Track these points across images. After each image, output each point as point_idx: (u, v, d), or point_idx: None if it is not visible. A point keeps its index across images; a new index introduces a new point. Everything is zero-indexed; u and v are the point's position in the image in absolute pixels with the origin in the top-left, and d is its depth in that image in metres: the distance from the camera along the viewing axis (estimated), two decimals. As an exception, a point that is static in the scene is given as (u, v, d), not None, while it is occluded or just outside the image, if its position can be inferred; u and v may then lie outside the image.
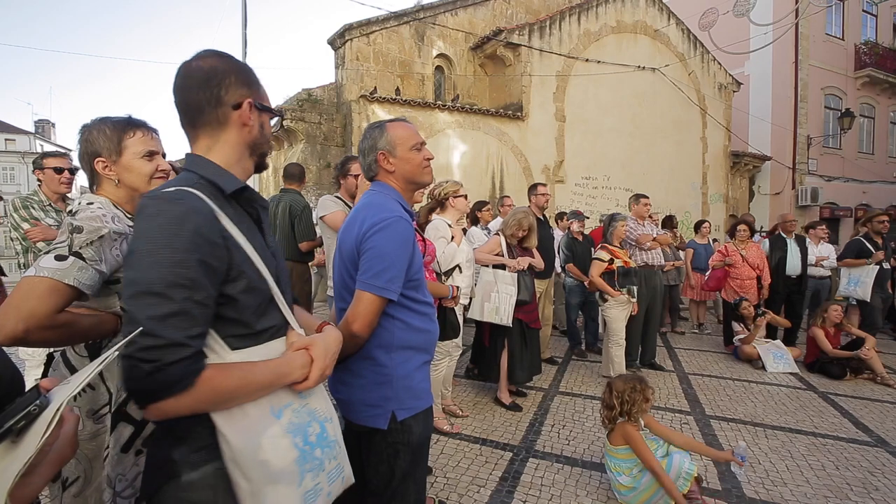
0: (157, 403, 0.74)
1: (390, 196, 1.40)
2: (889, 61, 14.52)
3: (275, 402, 0.88)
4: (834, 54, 13.90)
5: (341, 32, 8.72)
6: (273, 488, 0.83)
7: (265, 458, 0.82)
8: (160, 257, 0.75)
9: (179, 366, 0.73)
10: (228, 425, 0.81)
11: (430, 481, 2.54)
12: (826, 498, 2.45)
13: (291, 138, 8.73)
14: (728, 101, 12.74)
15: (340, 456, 0.99)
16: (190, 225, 0.77)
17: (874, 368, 4.45)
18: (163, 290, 0.74)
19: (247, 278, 0.85)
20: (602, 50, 10.46)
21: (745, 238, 5.50)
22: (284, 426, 0.87)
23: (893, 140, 15.64)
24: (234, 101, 0.91)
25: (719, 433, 3.24)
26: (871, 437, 3.23)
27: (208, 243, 0.79)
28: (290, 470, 0.84)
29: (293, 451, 0.86)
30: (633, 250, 4.59)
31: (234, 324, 0.86)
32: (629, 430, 2.33)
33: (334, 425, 0.99)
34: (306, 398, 0.94)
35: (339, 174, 3.29)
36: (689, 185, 12.13)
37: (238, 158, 0.96)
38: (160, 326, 0.73)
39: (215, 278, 0.80)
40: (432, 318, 1.44)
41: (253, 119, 0.95)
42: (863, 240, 5.41)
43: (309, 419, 0.92)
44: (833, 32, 13.98)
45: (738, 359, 5.10)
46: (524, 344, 3.62)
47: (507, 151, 9.36)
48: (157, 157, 1.39)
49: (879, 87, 14.74)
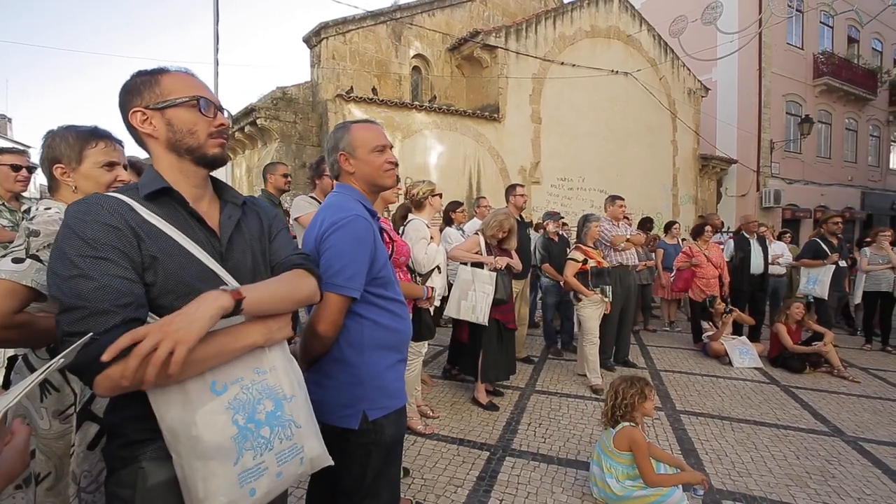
0: (100, 376, 0.77)
1: (352, 197, 1.40)
2: (844, 71, 15.31)
3: (221, 377, 0.88)
4: (794, 63, 14.56)
5: (317, 30, 8.61)
6: (203, 464, 0.82)
7: (197, 434, 0.82)
8: (73, 244, 0.82)
9: (113, 334, 0.76)
10: (164, 402, 0.83)
11: (407, 482, 2.54)
12: (787, 486, 2.56)
13: (266, 137, 8.56)
14: (697, 106, 13.18)
15: (300, 437, 0.96)
16: (91, 217, 0.85)
17: (832, 362, 4.68)
18: (81, 272, 0.80)
19: (162, 265, 0.88)
20: (577, 53, 10.66)
21: (709, 239, 5.71)
22: (225, 402, 0.87)
23: (848, 145, 16.50)
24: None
25: (689, 427, 3.35)
26: (829, 427, 3.39)
27: (112, 229, 0.85)
28: (226, 447, 0.84)
29: (230, 428, 0.85)
30: (608, 251, 4.69)
31: (164, 301, 0.89)
32: (637, 438, 2.29)
33: (296, 405, 0.97)
34: (264, 374, 0.94)
35: (315, 174, 3.26)
36: (661, 186, 12.49)
37: (170, 164, 0.99)
38: (83, 300, 0.79)
39: (129, 260, 0.85)
40: (403, 316, 1.44)
41: (155, 123, 0.96)
42: (819, 241, 5.68)
43: (260, 396, 0.91)
44: (793, 42, 14.65)
45: (706, 355, 5.28)
46: (500, 344, 3.65)
47: (484, 152, 9.43)
48: (118, 168, 1.45)
49: (836, 94, 15.53)
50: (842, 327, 6.91)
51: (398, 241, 2.53)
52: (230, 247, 1.02)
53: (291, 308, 1.02)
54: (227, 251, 1.01)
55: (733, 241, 6.04)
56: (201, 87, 1.01)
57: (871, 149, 17.40)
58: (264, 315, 0.95)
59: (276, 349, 0.99)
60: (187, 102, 0.97)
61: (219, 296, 0.85)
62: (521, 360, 4.78)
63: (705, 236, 5.70)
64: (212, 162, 1.02)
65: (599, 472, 2.36)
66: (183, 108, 0.97)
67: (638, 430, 2.34)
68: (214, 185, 1.10)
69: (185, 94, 0.97)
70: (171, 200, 0.97)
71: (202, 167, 1.02)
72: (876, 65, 16.66)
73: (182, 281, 0.90)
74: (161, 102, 0.96)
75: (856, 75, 15.67)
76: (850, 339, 6.36)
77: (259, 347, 0.95)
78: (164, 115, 0.96)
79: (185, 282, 0.90)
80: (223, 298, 0.85)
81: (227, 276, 0.96)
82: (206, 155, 1.00)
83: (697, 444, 3.08)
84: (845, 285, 6.07)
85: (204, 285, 0.90)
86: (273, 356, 0.97)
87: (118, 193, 0.92)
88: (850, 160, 16.48)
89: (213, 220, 1.03)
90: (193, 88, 0.99)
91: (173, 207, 0.96)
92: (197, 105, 0.98)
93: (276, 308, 0.97)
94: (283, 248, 1.13)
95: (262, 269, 1.08)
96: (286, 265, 1.09)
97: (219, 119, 1.02)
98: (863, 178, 16.85)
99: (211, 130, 1.00)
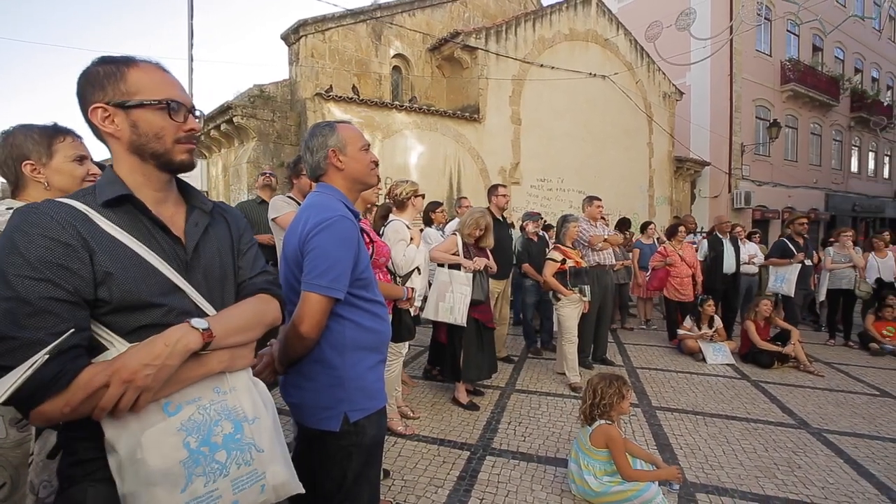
0: (37, 408, 0.73)
1: (334, 196, 1.39)
2: (809, 77, 15.95)
3: (176, 397, 0.83)
4: (763, 69, 15.09)
5: (296, 28, 8.48)
6: (147, 490, 0.77)
7: (142, 458, 0.77)
8: (12, 261, 0.75)
9: (49, 366, 0.71)
10: (110, 422, 0.78)
11: (387, 484, 2.52)
12: (756, 478, 2.65)
13: (242, 136, 8.39)
14: (671, 110, 13.51)
15: (262, 462, 0.89)
16: (38, 230, 0.78)
17: (798, 358, 4.88)
18: (17, 294, 0.74)
19: (117, 281, 0.83)
20: (556, 56, 10.80)
21: (683, 239, 5.87)
22: (177, 424, 0.81)
23: (813, 149, 17.19)
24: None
25: (664, 423, 3.43)
26: (795, 420, 3.53)
27: (59, 244, 0.78)
28: (173, 472, 0.78)
29: (180, 452, 0.79)
30: (586, 251, 4.76)
31: (119, 318, 0.84)
32: (614, 435, 2.34)
33: (259, 428, 0.90)
34: (224, 394, 0.89)
35: (292, 174, 3.21)
36: (637, 187, 12.75)
37: (132, 167, 0.93)
38: (15, 329, 0.73)
39: (77, 279, 0.79)
40: (383, 317, 1.43)
41: (118, 122, 0.88)
42: (786, 241, 5.91)
43: (218, 418, 0.85)
44: (762, 49, 15.18)
45: (681, 352, 5.42)
46: (480, 343, 3.67)
47: (465, 153, 9.46)
48: (87, 161, 1.43)
49: (801, 100, 16.16)
50: (807, 323, 7.20)
51: (378, 242, 2.52)
52: (196, 255, 0.97)
53: (256, 337, 0.98)
54: (193, 260, 0.96)
55: (707, 241, 6.22)
56: (172, 85, 0.93)
57: (835, 153, 18.17)
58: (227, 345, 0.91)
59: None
60: (156, 106, 0.89)
61: (187, 337, 0.81)
62: (501, 359, 4.81)
63: (679, 236, 5.86)
64: (178, 168, 0.96)
65: (577, 469, 2.40)
66: (151, 111, 0.89)
67: (614, 427, 2.39)
68: (180, 188, 1.03)
69: (155, 95, 0.89)
70: (131, 207, 0.90)
71: (166, 172, 0.96)
72: (838, 72, 17.40)
73: (138, 297, 0.85)
74: (126, 102, 0.87)
75: (820, 82, 16.34)
76: (815, 335, 6.63)
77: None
78: (129, 116, 0.88)
79: (142, 298, 0.85)
80: (192, 340, 0.82)
81: (191, 290, 0.92)
82: (173, 161, 0.94)
83: (672, 439, 3.16)
84: (811, 283, 6.33)
85: (164, 299, 0.87)
86: (235, 376, 0.92)
87: (73, 200, 0.85)
88: (814, 163, 17.17)
89: (177, 226, 0.97)
90: (164, 87, 0.91)
91: (134, 215, 0.90)
92: (167, 109, 0.90)
93: (241, 339, 0.94)
94: (248, 268, 1.08)
95: (231, 280, 1.04)
96: (250, 290, 1.05)
97: (189, 123, 0.94)
98: (826, 181, 17.57)
99: (179, 136, 0.93)
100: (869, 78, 19.27)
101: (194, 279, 0.95)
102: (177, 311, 0.88)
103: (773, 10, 14.73)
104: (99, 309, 0.82)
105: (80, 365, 0.76)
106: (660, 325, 6.94)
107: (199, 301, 0.93)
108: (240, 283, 1.06)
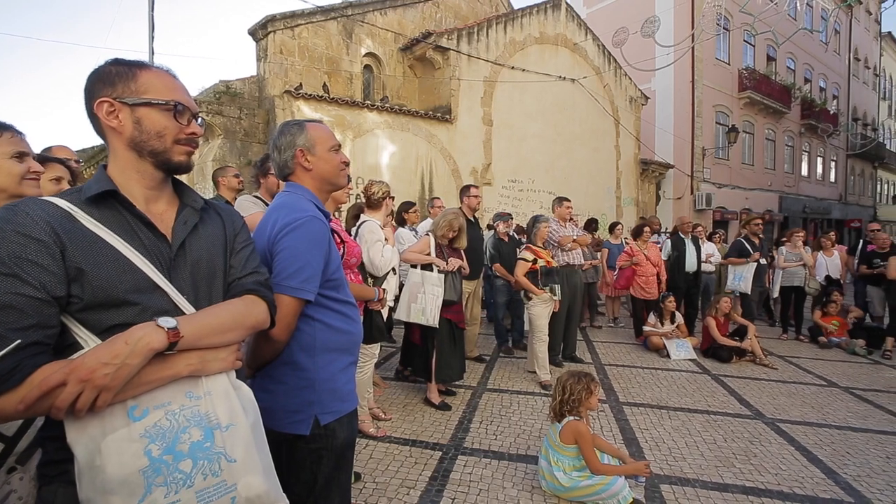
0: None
1: (304, 196, 1.37)
2: (764, 85, 16.82)
3: (143, 401, 0.80)
4: (722, 77, 15.81)
5: (264, 23, 8.28)
6: (103, 498, 0.74)
7: (101, 464, 0.74)
8: None
9: (4, 362, 0.71)
10: (72, 425, 0.76)
11: (358, 487, 2.50)
12: (716, 468, 2.77)
13: (208, 133, 8.12)
14: (637, 114, 13.96)
15: (233, 473, 0.84)
16: (11, 226, 0.79)
17: (755, 352, 5.13)
18: None
19: (89, 277, 0.82)
20: (526, 59, 10.97)
21: (648, 239, 6.08)
22: (140, 430, 0.78)
23: (768, 154, 18.13)
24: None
25: (630, 418, 3.54)
26: (751, 411, 3.71)
27: (31, 240, 0.78)
28: (131, 481, 0.75)
29: (140, 460, 0.76)
30: (556, 251, 4.86)
31: (93, 315, 0.83)
32: (582, 430, 2.39)
33: (233, 435, 0.85)
34: (197, 399, 0.85)
35: (260, 173, 3.13)
36: (605, 189, 13.11)
37: (126, 164, 0.94)
38: None
39: (47, 274, 0.78)
40: (354, 318, 1.42)
41: (122, 118, 0.91)
42: (743, 241, 6.22)
43: (187, 424, 0.82)
44: (721, 57, 15.90)
45: (647, 349, 5.60)
46: (452, 343, 3.68)
47: (437, 153, 9.48)
48: (28, 158, 1.38)
49: (757, 107, 17.02)
50: (763, 319, 7.58)
51: (349, 243, 2.49)
52: (182, 253, 0.96)
53: (236, 339, 0.95)
54: (179, 258, 0.95)
55: (670, 240, 6.46)
56: (180, 90, 0.97)
57: (787, 157, 19.22)
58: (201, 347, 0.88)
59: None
60: (163, 106, 0.93)
61: (151, 336, 0.78)
62: (473, 359, 4.85)
63: (644, 236, 6.05)
64: (175, 168, 0.98)
65: (547, 465, 2.44)
66: (156, 110, 0.92)
67: (583, 423, 2.45)
68: (176, 187, 1.04)
69: (163, 96, 0.93)
70: (115, 203, 0.91)
71: (162, 171, 0.97)
72: (790, 81, 18.44)
73: (112, 294, 0.83)
74: (134, 99, 0.90)
75: (773, 90, 17.26)
76: (770, 330, 6.99)
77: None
78: (134, 112, 0.91)
79: (115, 295, 0.83)
80: (156, 340, 0.79)
81: (171, 289, 0.90)
82: (171, 161, 0.96)
83: (638, 433, 3.27)
84: (766, 281, 6.68)
85: (140, 297, 0.85)
86: (212, 380, 0.89)
87: (59, 198, 0.86)
88: (769, 167, 18.11)
89: (166, 224, 0.96)
90: (172, 91, 0.95)
91: (117, 211, 0.90)
92: (173, 110, 0.93)
93: (217, 341, 0.90)
94: (239, 267, 1.06)
95: (220, 279, 1.02)
96: (237, 290, 1.03)
97: (191, 127, 0.97)
98: (780, 184, 18.57)
99: (180, 137, 0.96)
100: (817, 87, 20.51)
101: (179, 278, 0.93)
102: (153, 310, 0.86)
103: (731, 20, 15.46)
104: (72, 306, 0.81)
105: (37, 362, 0.74)
106: (627, 323, 7.15)
107: (179, 301, 0.91)
108: (229, 282, 1.05)
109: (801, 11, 17.34)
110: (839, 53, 21.97)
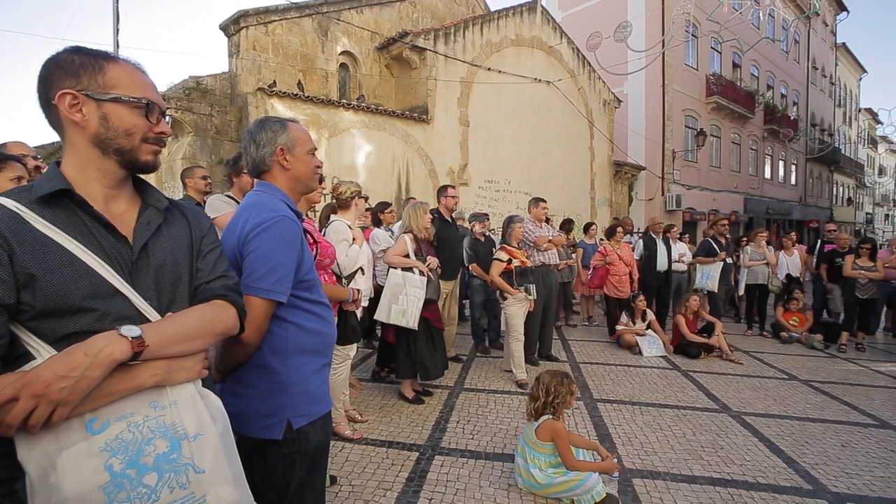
0: None
1: (276, 196, 1.35)
2: (729, 91, 17.48)
3: (103, 413, 0.76)
4: (691, 82, 16.34)
5: (236, 18, 8.07)
6: None
7: (56, 482, 0.69)
8: None
9: None
10: (24, 441, 0.71)
11: (334, 491, 2.47)
12: (686, 461, 2.86)
13: (177, 130, 7.86)
14: (611, 116, 14.27)
15: (201, 484, 0.81)
16: None
17: (721, 348, 5.32)
18: None
19: (41, 284, 0.76)
20: (503, 60, 11.05)
21: (621, 239, 6.23)
22: (101, 444, 0.74)
23: (734, 157, 18.84)
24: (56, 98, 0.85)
25: (604, 414, 3.61)
26: (718, 405, 3.84)
27: None
28: (90, 499, 0.71)
29: (100, 476, 0.72)
30: (531, 251, 4.91)
31: (46, 324, 0.78)
32: (559, 428, 2.43)
33: (201, 445, 0.82)
34: (162, 409, 0.81)
35: (233, 171, 3.06)
36: (580, 190, 13.34)
37: (87, 161, 0.88)
38: None
39: None
40: (328, 319, 1.40)
41: (86, 112, 0.85)
42: (711, 241, 6.45)
43: (151, 436, 0.78)
44: (690, 63, 16.43)
45: (620, 346, 5.73)
46: (432, 342, 3.68)
47: (413, 153, 9.44)
48: None
49: (724, 112, 17.66)
50: (729, 316, 7.87)
51: (322, 243, 2.45)
52: (144, 256, 0.91)
53: (203, 347, 0.92)
54: (141, 260, 0.90)
55: (642, 240, 6.63)
56: (150, 88, 0.93)
57: (751, 160, 20.02)
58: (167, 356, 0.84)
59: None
60: (134, 103, 0.88)
61: (113, 346, 0.74)
62: (450, 358, 4.85)
63: (617, 236, 6.19)
64: (142, 168, 0.94)
65: (523, 462, 2.47)
66: (126, 107, 0.88)
67: (559, 421, 2.49)
68: (136, 185, 0.98)
69: (133, 92, 0.88)
70: (69, 203, 0.85)
71: (126, 170, 0.93)
72: (754, 88, 19.22)
73: (66, 301, 0.78)
74: (103, 93, 0.85)
75: (739, 96, 17.94)
76: (736, 327, 7.26)
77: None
78: (101, 108, 0.86)
79: (71, 302, 0.78)
80: (118, 350, 0.74)
81: (132, 294, 0.85)
82: (137, 160, 0.92)
83: (612, 428, 3.34)
84: (731, 279, 6.93)
85: (99, 303, 0.80)
86: (178, 389, 0.85)
87: (6, 197, 0.80)
88: (735, 170, 18.82)
89: (127, 225, 0.91)
90: (143, 87, 0.91)
91: (72, 211, 0.84)
92: (144, 108, 0.90)
93: (184, 349, 0.86)
94: (206, 271, 1.01)
95: (185, 283, 0.98)
96: (205, 295, 0.99)
97: (161, 126, 0.94)
98: (745, 186, 19.32)
99: (149, 136, 0.92)
100: (779, 94, 21.45)
101: (142, 282, 0.88)
102: (112, 317, 0.81)
103: (700, 27, 15.98)
104: (23, 314, 0.75)
105: None
106: (601, 322, 7.30)
107: (142, 306, 0.86)
108: (196, 286, 1.00)
109: (763, 21, 18.09)
110: (798, 62, 23.04)
